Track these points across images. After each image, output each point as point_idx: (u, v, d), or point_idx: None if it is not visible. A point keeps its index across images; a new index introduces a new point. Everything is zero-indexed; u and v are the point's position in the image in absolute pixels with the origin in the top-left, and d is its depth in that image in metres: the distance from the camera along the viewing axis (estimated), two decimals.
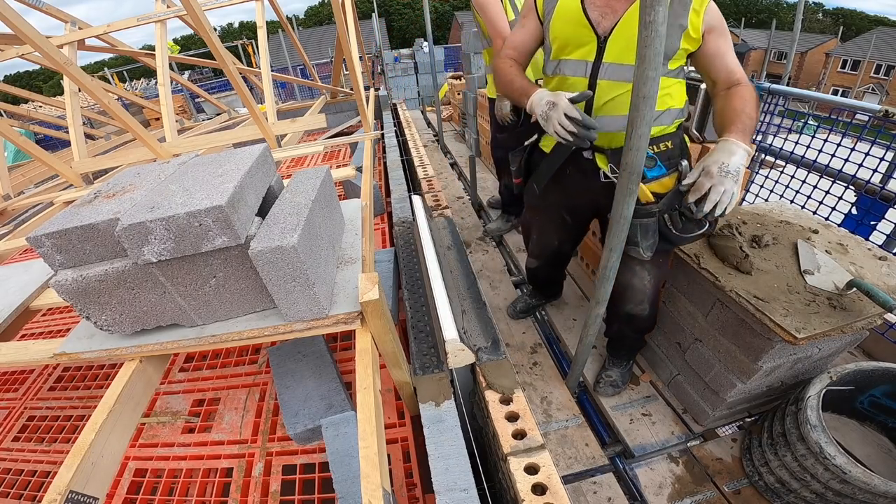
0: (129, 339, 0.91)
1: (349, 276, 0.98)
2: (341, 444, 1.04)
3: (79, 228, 0.78)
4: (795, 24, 5.00)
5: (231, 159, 0.96)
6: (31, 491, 1.24)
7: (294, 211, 0.87)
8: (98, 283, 0.81)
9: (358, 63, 2.93)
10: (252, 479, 1.12)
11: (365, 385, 0.83)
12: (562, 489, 0.78)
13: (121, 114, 2.34)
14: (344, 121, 4.13)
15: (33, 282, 1.25)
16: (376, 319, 0.89)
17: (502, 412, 0.96)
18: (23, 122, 6.07)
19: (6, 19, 1.74)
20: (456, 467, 0.85)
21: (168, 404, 1.40)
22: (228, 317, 0.92)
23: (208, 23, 2.01)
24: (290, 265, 0.78)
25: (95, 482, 0.74)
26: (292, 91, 12.29)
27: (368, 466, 0.70)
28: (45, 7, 2.96)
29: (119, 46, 3.62)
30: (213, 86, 13.99)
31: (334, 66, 4.38)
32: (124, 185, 0.95)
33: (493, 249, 2.85)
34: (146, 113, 6.86)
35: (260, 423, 1.26)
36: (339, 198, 1.16)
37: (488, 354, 1.08)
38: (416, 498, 1.03)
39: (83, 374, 1.63)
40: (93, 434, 0.76)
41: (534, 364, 1.90)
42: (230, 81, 2.26)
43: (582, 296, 2.28)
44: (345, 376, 1.30)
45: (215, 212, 0.74)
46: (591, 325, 1.34)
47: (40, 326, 1.88)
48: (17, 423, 1.48)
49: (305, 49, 4.97)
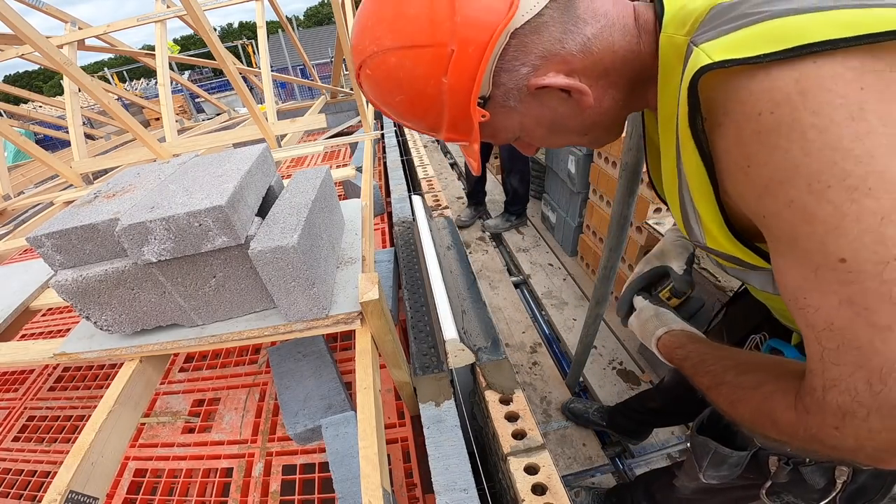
0: (129, 339, 0.91)
1: (349, 276, 0.98)
2: (341, 444, 1.04)
3: (79, 228, 0.78)
4: None
5: (231, 159, 0.96)
6: (31, 491, 1.24)
7: (294, 211, 0.87)
8: (98, 283, 0.81)
9: None
10: (252, 479, 1.12)
11: (365, 385, 0.83)
12: (562, 489, 0.78)
13: (121, 114, 2.34)
14: (344, 121, 4.13)
15: (33, 282, 1.25)
16: (376, 319, 0.89)
17: (502, 412, 0.96)
18: (23, 122, 6.07)
19: (6, 19, 1.74)
20: (456, 467, 0.85)
21: (168, 404, 1.40)
22: (228, 317, 0.92)
23: (208, 23, 2.01)
24: (290, 265, 0.78)
25: (95, 482, 0.74)
26: (292, 91, 12.31)
27: (368, 466, 0.70)
28: (45, 7, 2.96)
29: (119, 46, 3.63)
30: (213, 86, 14.01)
31: (334, 66, 4.38)
32: (124, 185, 0.95)
33: (492, 249, 2.86)
34: (146, 113, 6.86)
35: (260, 423, 1.26)
36: (339, 198, 1.16)
37: (488, 354, 1.08)
38: (416, 498, 1.03)
39: (83, 374, 1.63)
40: (93, 434, 0.76)
41: (534, 364, 1.90)
42: (230, 81, 2.26)
43: (582, 296, 2.28)
44: (345, 376, 1.30)
45: (215, 212, 0.74)
46: (591, 325, 1.34)
47: (40, 326, 1.88)
48: (17, 423, 1.48)
49: (305, 49, 4.98)
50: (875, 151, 0.32)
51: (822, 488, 0.68)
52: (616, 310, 0.94)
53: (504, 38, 0.48)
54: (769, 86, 0.36)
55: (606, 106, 0.56)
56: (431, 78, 0.49)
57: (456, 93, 0.50)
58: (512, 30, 0.48)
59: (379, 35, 0.50)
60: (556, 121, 0.57)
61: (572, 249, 2.65)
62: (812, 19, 0.36)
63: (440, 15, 0.46)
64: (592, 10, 0.51)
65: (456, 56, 0.47)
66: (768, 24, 0.38)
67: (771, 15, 0.38)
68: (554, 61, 0.51)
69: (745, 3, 0.42)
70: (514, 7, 0.47)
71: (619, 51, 0.52)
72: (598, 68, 0.52)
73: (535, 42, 0.49)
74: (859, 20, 0.34)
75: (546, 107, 0.54)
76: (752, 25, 0.39)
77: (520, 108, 0.54)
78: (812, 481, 0.68)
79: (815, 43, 0.34)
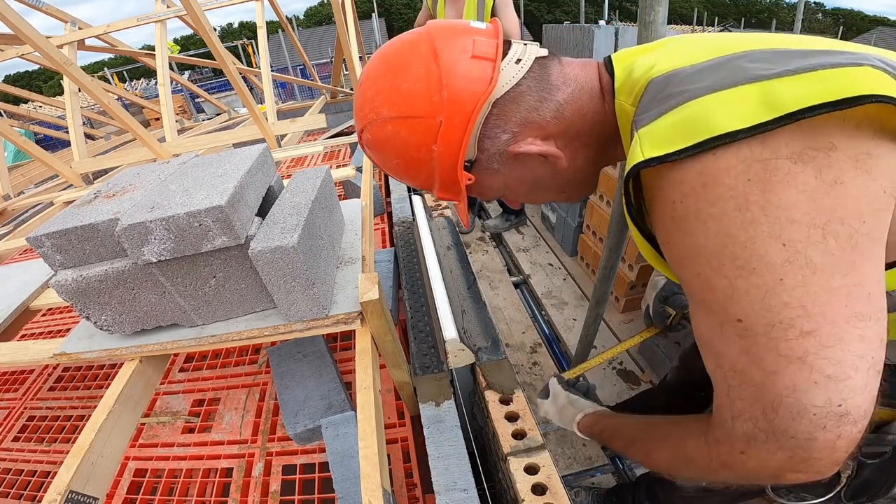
0: (129, 339, 0.91)
1: (349, 276, 0.98)
2: (341, 444, 1.04)
3: (79, 228, 0.78)
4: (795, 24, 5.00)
5: (231, 159, 0.96)
6: (31, 491, 1.24)
7: (294, 211, 0.87)
8: (98, 283, 0.81)
9: (358, 63, 2.93)
10: (252, 479, 1.12)
11: (365, 385, 0.83)
12: (562, 489, 0.78)
13: (121, 114, 2.34)
14: (344, 121, 4.13)
15: (33, 282, 1.25)
16: (376, 319, 0.89)
17: (502, 412, 0.96)
18: (23, 122, 6.07)
19: (6, 19, 1.74)
20: (456, 467, 0.85)
21: (168, 404, 1.40)
22: (228, 317, 0.92)
23: (208, 23, 2.01)
24: (290, 265, 0.78)
25: (95, 482, 0.74)
26: (292, 91, 12.30)
27: (368, 466, 0.70)
28: (45, 7, 2.96)
29: (119, 46, 3.63)
30: (212, 86, 14.02)
31: (334, 66, 4.39)
32: (124, 185, 0.95)
33: (492, 249, 2.86)
34: (146, 113, 6.86)
35: (260, 423, 1.26)
36: (339, 198, 1.16)
37: (488, 354, 1.08)
38: (416, 498, 1.03)
39: (83, 374, 1.63)
40: (93, 434, 0.76)
41: (534, 364, 1.90)
42: (230, 81, 2.26)
43: (582, 296, 2.28)
44: (345, 376, 1.30)
45: (215, 212, 0.74)
46: (591, 325, 1.34)
47: (40, 326, 1.88)
48: (17, 423, 1.48)
49: (305, 49, 4.97)
50: (757, 238, 0.39)
51: (826, 483, 0.72)
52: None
53: (486, 108, 0.54)
54: (680, 178, 0.43)
55: (579, 164, 0.61)
56: (423, 145, 0.55)
57: (444, 158, 0.56)
58: (493, 100, 0.54)
59: (378, 105, 0.56)
60: (536, 180, 0.63)
61: (572, 249, 2.64)
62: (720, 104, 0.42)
63: (430, 90, 0.53)
64: (563, 76, 0.57)
65: (444, 126, 0.53)
66: (687, 109, 0.44)
67: (689, 96, 0.44)
68: (531, 127, 0.57)
69: (674, 80, 0.48)
70: (493, 81, 0.53)
71: (587, 114, 0.58)
72: (570, 132, 0.58)
73: (514, 111, 0.55)
74: (753, 106, 0.40)
75: (526, 168, 0.60)
76: (676, 109, 0.45)
77: (503, 171, 0.60)
78: None
79: (716, 137, 0.40)
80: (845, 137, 0.39)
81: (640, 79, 0.52)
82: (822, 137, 0.39)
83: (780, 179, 0.38)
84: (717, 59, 0.47)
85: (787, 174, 0.38)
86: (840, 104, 0.37)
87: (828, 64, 0.40)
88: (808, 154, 0.38)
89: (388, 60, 0.57)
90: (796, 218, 0.38)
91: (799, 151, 0.38)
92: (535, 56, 0.57)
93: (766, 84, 0.41)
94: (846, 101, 0.37)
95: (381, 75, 0.57)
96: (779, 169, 0.39)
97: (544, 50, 0.58)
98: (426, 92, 0.53)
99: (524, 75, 0.55)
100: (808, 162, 0.38)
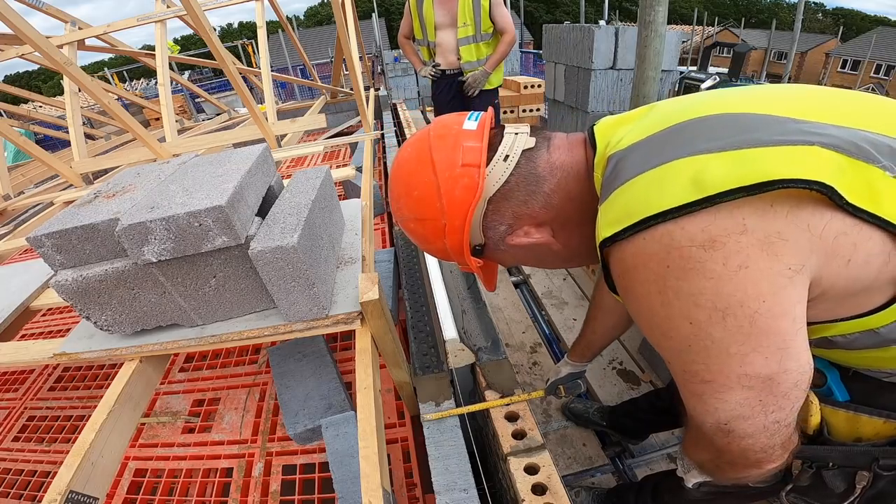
0: (129, 339, 0.91)
1: (349, 276, 0.98)
2: (341, 444, 1.04)
3: (79, 228, 0.78)
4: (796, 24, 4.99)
5: (231, 159, 0.96)
6: (31, 491, 1.24)
7: (294, 211, 0.87)
8: (98, 283, 0.81)
9: (358, 63, 2.92)
10: (252, 479, 1.12)
11: (365, 385, 0.83)
12: (562, 489, 0.78)
13: (121, 114, 2.34)
14: (344, 121, 4.13)
15: (33, 282, 1.25)
16: (376, 319, 0.89)
17: (502, 412, 0.96)
18: (23, 122, 6.06)
19: (6, 19, 1.74)
20: (456, 467, 0.85)
21: (168, 404, 1.40)
22: (228, 317, 0.92)
23: (208, 23, 2.01)
24: (290, 265, 0.78)
25: (95, 482, 0.74)
26: (292, 91, 12.30)
27: (368, 466, 0.70)
28: (45, 7, 2.96)
29: (119, 46, 3.63)
30: (213, 86, 14.00)
31: (334, 66, 4.38)
32: (124, 185, 0.95)
33: None
34: (146, 113, 6.85)
35: (260, 423, 1.26)
36: (339, 198, 1.16)
37: (488, 354, 1.08)
38: (416, 498, 1.03)
39: (83, 374, 1.63)
40: (93, 434, 0.76)
41: (534, 364, 1.90)
42: (230, 81, 2.26)
43: (582, 295, 2.28)
44: (345, 376, 1.31)
45: (215, 212, 0.74)
46: None
47: (40, 326, 1.88)
48: (17, 423, 1.48)
49: (305, 49, 4.97)
50: (671, 316, 0.48)
51: (841, 492, 0.73)
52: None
53: (482, 206, 0.62)
54: (621, 257, 0.51)
55: (575, 243, 0.67)
56: (437, 240, 0.65)
57: (454, 249, 0.65)
58: (487, 198, 0.61)
59: (401, 206, 0.67)
60: (540, 258, 0.71)
61: None
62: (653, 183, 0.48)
63: (433, 197, 0.61)
64: (550, 165, 0.62)
65: (448, 227, 0.62)
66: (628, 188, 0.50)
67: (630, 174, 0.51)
68: (524, 219, 0.63)
69: (628, 156, 0.53)
70: (479, 188, 0.59)
71: (576, 197, 0.63)
72: (561, 217, 0.64)
73: (506, 206, 0.62)
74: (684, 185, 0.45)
75: (529, 251, 0.67)
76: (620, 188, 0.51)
77: (510, 251, 0.68)
78: (833, 485, 0.74)
79: (645, 219, 0.46)
80: (757, 218, 0.43)
81: (604, 155, 0.58)
82: (736, 219, 0.43)
83: (692, 268, 0.45)
84: (671, 127, 0.52)
85: (698, 262, 0.44)
86: (753, 189, 0.42)
87: (767, 141, 0.44)
88: (720, 241, 0.43)
89: (403, 167, 0.66)
90: (701, 303, 0.45)
91: (711, 239, 0.44)
92: (521, 149, 0.62)
93: (700, 160, 0.46)
94: (758, 187, 0.41)
95: (401, 180, 0.66)
96: (691, 257, 0.45)
97: (532, 140, 0.63)
98: (430, 199, 0.62)
99: (512, 172, 0.61)
100: (718, 249, 0.44)
